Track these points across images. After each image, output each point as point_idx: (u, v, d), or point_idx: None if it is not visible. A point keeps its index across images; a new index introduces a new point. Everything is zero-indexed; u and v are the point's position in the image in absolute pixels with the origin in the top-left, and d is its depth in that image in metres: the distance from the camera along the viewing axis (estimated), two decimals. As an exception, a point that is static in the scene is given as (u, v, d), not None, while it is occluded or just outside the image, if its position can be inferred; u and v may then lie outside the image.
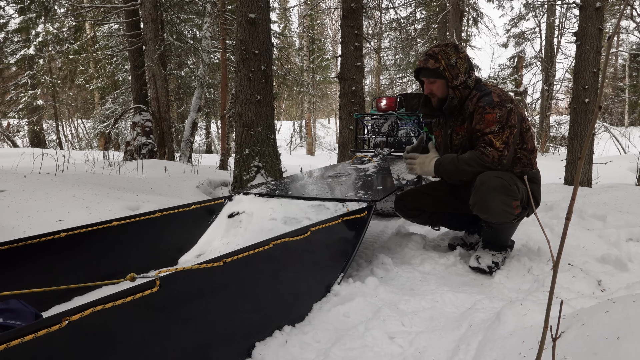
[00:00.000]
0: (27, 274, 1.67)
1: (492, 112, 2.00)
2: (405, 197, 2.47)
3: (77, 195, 3.02)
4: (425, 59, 2.13)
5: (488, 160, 1.99)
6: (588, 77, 5.19)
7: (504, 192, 1.93)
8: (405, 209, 2.48)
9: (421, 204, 2.42)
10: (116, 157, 7.81)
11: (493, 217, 1.99)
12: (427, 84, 2.19)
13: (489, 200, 1.94)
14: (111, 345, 1.05)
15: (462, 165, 2.04)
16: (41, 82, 16.26)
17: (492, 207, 1.94)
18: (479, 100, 2.07)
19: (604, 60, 2.94)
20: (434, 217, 2.46)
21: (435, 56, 2.11)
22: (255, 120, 4.26)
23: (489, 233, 2.19)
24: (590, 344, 0.89)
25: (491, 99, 2.04)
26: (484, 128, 2.01)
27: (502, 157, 1.99)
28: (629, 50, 19.71)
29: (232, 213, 2.38)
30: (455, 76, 2.10)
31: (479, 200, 1.98)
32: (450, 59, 2.10)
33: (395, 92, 17.91)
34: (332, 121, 28.17)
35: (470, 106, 2.10)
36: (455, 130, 2.20)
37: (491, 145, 1.99)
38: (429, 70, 2.13)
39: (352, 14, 6.12)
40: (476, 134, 2.05)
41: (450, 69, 2.10)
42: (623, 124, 18.78)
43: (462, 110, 2.15)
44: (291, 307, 1.61)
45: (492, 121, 2.00)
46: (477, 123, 2.04)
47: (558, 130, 15.73)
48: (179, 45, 10.22)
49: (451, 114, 2.20)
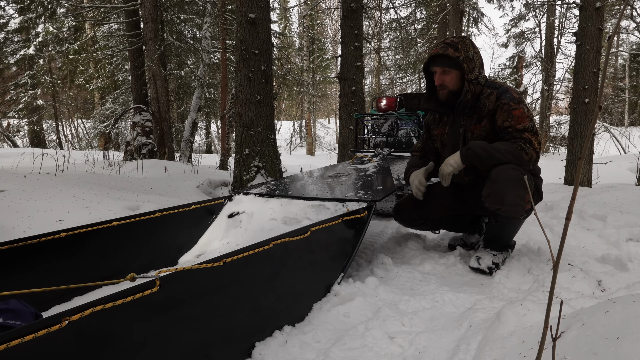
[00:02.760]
0: (27, 274, 1.66)
1: (519, 108, 1.99)
2: (407, 206, 2.38)
3: (77, 195, 3.02)
4: (444, 47, 2.04)
5: (526, 158, 1.95)
6: (588, 77, 5.19)
7: (520, 184, 1.89)
8: (409, 219, 2.41)
9: (426, 212, 2.35)
10: (116, 157, 7.81)
11: (505, 209, 1.93)
12: (439, 74, 2.09)
13: (505, 192, 1.89)
14: (111, 345, 1.05)
15: (496, 153, 1.95)
16: (41, 82, 16.27)
17: (507, 199, 1.90)
18: (499, 97, 2.04)
19: (604, 60, 2.95)
20: (437, 222, 2.42)
21: (455, 45, 2.04)
22: (255, 120, 4.26)
23: (495, 229, 2.16)
24: (590, 344, 0.89)
25: (512, 96, 2.03)
26: (516, 125, 1.98)
27: (538, 158, 1.99)
28: (629, 50, 19.72)
29: (232, 213, 2.38)
30: (472, 69, 2.05)
31: (494, 192, 1.92)
32: (469, 51, 2.05)
33: (395, 92, 17.91)
34: (332, 121, 28.18)
35: (488, 104, 2.06)
36: (469, 129, 2.12)
37: (531, 145, 1.96)
38: (448, 59, 2.04)
39: (352, 14, 6.12)
40: (506, 130, 2.01)
41: (468, 61, 2.04)
42: (623, 124, 18.78)
43: (477, 107, 2.09)
44: (291, 307, 1.61)
45: (522, 117, 1.98)
46: (504, 120, 2.01)
47: (558, 130, 15.74)
48: (179, 45, 10.23)
49: (462, 111, 2.13)
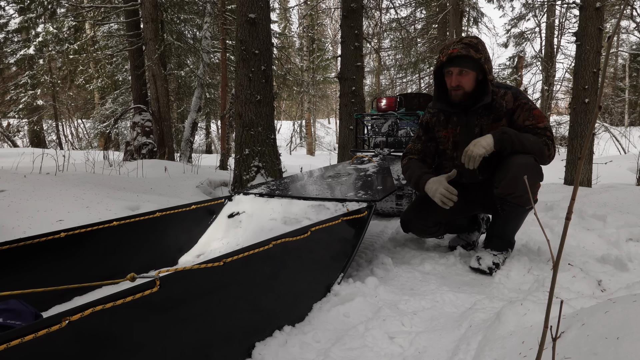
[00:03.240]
0: (27, 274, 1.66)
1: (536, 108, 2.07)
2: (419, 214, 2.30)
3: (77, 195, 3.01)
4: (466, 47, 1.98)
5: (547, 154, 2.01)
6: (588, 77, 5.18)
7: (534, 170, 1.95)
8: (424, 227, 2.32)
9: (439, 217, 2.27)
10: (116, 157, 7.81)
11: (518, 195, 1.96)
12: (455, 75, 2.04)
13: (521, 177, 1.90)
14: (111, 345, 1.05)
15: (526, 142, 1.97)
16: (41, 82, 16.28)
17: (521, 185, 1.93)
18: (516, 97, 2.08)
19: (604, 60, 2.94)
20: (447, 226, 2.40)
21: (475, 46, 2.00)
22: (255, 120, 4.26)
23: (499, 223, 2.16)
24: (590, 344, 0.89)
25: (526, 96, 2.09)
26: (537, 123, 2.04)
27: (554, 156, 2.05)
28: (629, 50, 19.71)
29: (232, 213, 2.38)
30: (490, 70, 2.06)
31: (509, 175, 1.94)
32: (487, 52, 2.05)
33: (395, 92, 17.90)
34: (332, 121, 28.19)
35: (505, 103, 2.08)
36: (486, 128, 2.11)
37: (553, 142, 2.03)
38: (470, 60, 2.00)
39: (352, 14, 6.12)
40: (526, 128, 2.04)
41: (487, 62, 2.04)
42: (623, 124, 18.78)
43: (492, 107, 2.09)
44: (291, 307, 1.61)
45: (541, 116, 2.05)
46: (525, 119, 2.05)
47: (558, 130, 15.70)
48: (179, 45, 10.23)
49: (475, 112, 2.13)
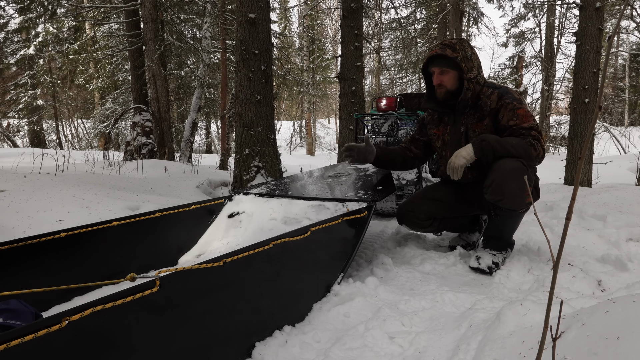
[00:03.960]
0: (27, 274, 1.67)
1: (522, 107, 2.04)
2: (413, 207, 2.35)
3: (77, 195, 3.01)
4: (443, 48, 2.10)
5: (534, 154, 1.99)
6: (588, 77, 5.18)
7: (521, 176, 1.92)
8: (416, 220, 2.36)
9: (433, 212, 2.33)
10: (116, 157, 7.81)
11: (507, 200, 1.96)
12: (437, 74, 2.15)
13: (507, 182, 1.91)
14: (111, 345, 1.05)
15: (509, 147, 1.97)
16: (41, 82, 16.29)
17: (508, 190, 1.93)
18: (501, 96, 2.08)
19: (604, 60, 2.95)
20: (442, 223, 2.42)
21: (452, 46, 2.09)
22: (255, 120, 4.26)
23: (495, 225, 2.17)
24: (590, 344, 0.89)
25: (514, 96, 2.07)
26: (521, 123, 2.02)
27: (544, 156, 2.02)
28: (629, 50, 19.71)
29: (232, 213, 2.38)
30: (470, 69, 2.10)
31: (495, 181, 1.94)
32: (466, 52, 2.10)
33: (395, 92, 17.91)
34: (332, 121, 28.16)
35: (489, 103, 2.09)
36: (471, 127, 2.16)
37: (539, 142, 2.00)
38: (446, 59, 2.10)
39: (352, 14, 6.11)
40: (511, 128, 2.04)
41: (466, 61, 2.09)
42: (623, 124, 18.78)
43: (478, 106, 2.13)
44: (291, 307, 1.61)
45: (527, 116, 2.03)
46: (509, 119, 2.04)
47: (558, 130, 15.73)
48: (179, 45, 10.23)
49: (462, 111, 2.18)
